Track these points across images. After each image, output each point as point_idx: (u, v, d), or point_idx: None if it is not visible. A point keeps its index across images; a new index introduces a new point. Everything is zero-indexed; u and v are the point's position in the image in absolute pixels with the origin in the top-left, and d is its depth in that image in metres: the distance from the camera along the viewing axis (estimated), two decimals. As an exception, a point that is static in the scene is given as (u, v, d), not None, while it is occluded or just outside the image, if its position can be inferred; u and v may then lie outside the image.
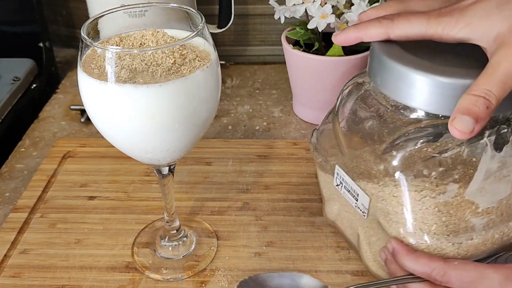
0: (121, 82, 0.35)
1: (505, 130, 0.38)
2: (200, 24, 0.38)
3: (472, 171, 0.38)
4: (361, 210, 0.44)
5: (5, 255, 0.49)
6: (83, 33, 0.37)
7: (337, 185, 0.46)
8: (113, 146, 0.41)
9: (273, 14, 0.64)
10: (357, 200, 0.44)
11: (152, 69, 0.36)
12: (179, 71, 0.36)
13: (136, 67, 0.36)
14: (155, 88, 0.35)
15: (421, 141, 0.39)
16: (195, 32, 0.37)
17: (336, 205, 0.48)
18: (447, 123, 0.34)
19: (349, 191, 0.44)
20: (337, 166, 0.45)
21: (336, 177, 0.46)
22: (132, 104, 0.36)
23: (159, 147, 0.39)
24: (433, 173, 0.38)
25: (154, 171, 0.45)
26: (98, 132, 0.40)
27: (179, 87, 0.36)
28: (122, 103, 0.36)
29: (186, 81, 0.36)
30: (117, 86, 0.35)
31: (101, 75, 0.36)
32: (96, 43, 0.38)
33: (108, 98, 0.36)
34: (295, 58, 0.64)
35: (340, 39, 0.41)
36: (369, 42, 0.41)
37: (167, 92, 0.36)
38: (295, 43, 0.67)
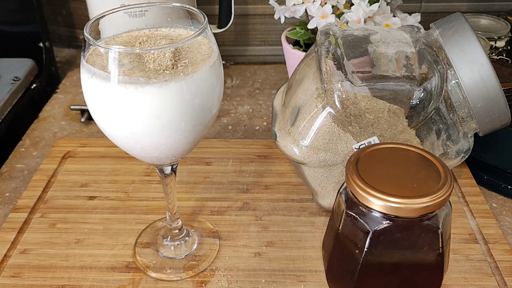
0: (125, 82, 0.35)
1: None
2: (203, 23, 0.38)
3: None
4: None
5: (5, 255, 0.49)
6: (86, 33, 0.37)
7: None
8: (113, 146, 0.41)
9: (273, 14, 0.64)
10: None
11: (156, 68, 0.36)
12: (182, 70, 0.36)
13: (139, 66, 0.36)
14: (159, 87, 0.35)
15: None
16: (198, 31, 0.37)
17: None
18: None
19: None
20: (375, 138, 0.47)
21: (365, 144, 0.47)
22: (136, 104, 0.36)
23: (164, 147, 0.39)
24: None
25: (157, 170, 0.45)
26: (98, 132, 0.40)
27: (183, 86, 0.36)
28: (126, 103, 0.36)
29: (190, 80, 0.36)
30: (120, 86, 0.35)
31: (104, 75, 0.36)
32: (99, 43, 0.38)
33: (111, 99, 0.36)
34: (295, 58, 0.64)
35: None
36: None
37: (171, 91, 0.36)
38: (295, 43, 0.68)
